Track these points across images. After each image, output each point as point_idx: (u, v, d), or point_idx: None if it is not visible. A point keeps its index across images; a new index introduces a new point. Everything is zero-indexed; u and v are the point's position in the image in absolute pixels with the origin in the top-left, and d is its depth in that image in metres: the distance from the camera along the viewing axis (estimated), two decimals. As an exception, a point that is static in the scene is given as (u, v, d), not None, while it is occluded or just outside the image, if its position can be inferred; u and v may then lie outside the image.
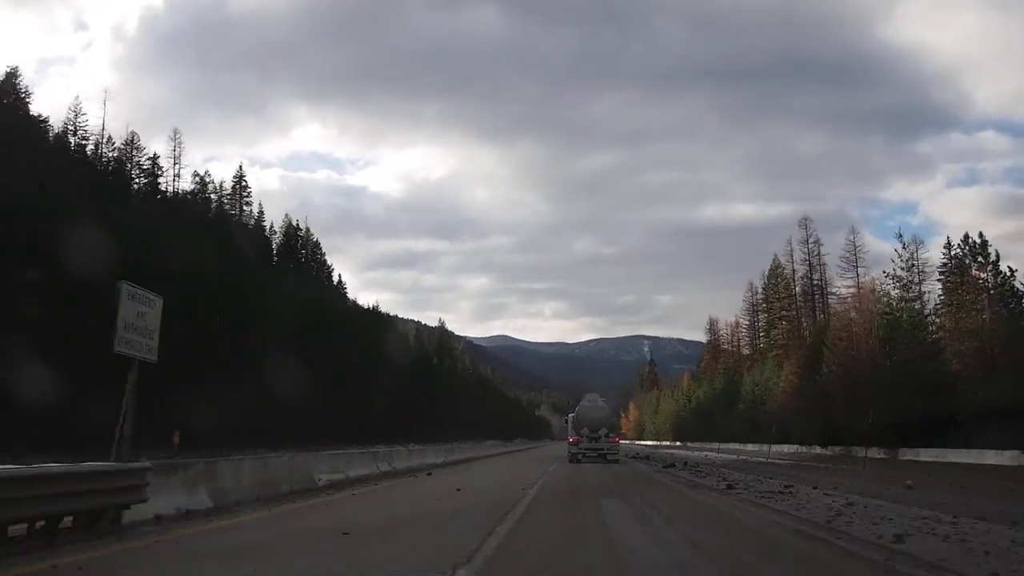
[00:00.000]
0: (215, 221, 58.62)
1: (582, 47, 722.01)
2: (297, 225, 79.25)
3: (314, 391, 42.59)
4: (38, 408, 24.43)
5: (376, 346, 66.62)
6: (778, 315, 73.16)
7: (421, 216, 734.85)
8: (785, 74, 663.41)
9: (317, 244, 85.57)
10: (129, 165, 53.43)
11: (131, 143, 52.87)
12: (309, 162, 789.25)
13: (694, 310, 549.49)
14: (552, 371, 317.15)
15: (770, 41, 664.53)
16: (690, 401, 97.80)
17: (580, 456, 32.64)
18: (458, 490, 17.18)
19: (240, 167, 70.26)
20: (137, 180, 53.90)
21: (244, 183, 67.12)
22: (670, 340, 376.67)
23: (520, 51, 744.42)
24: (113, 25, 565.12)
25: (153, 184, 54.47)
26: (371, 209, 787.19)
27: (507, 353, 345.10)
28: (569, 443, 34.63)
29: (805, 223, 72.42)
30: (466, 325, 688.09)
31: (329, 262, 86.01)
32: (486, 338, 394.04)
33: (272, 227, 73.31)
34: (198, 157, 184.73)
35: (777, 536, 10.16)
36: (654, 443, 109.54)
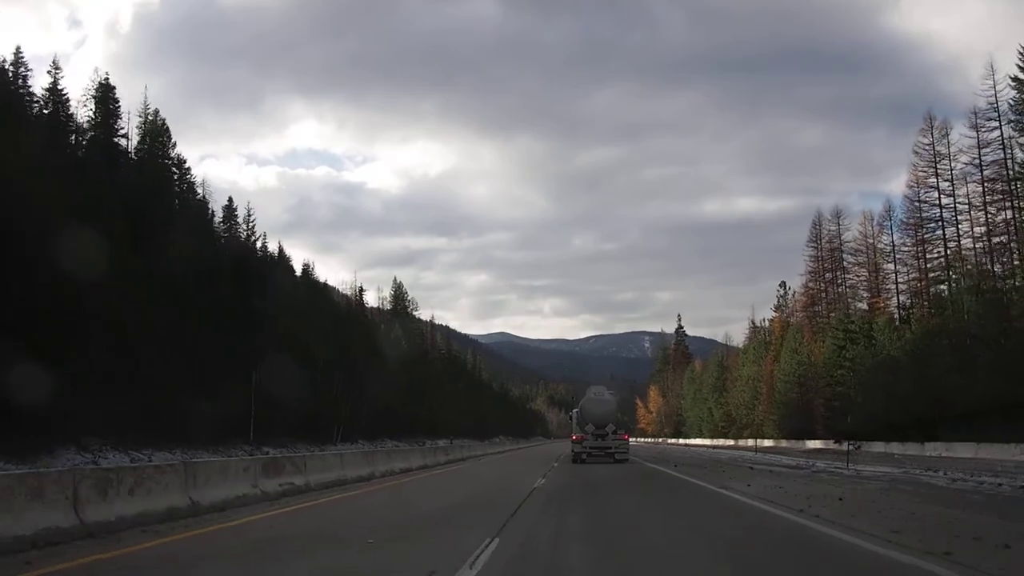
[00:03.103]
0: None
1: (581, 39, 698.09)
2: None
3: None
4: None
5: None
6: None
7: (420, 213, 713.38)
8: (786, 65, 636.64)
9: (165, 130, 48.43)
10: None
11: None
12: (307, 159, 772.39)
13: (694, 306, 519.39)
14: (552, 368, 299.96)
15: (771, 31, 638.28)
16: (851, 340, 47.51)
17: (585, 456, 30.33)
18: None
19: None
20: None
21: None
22: (671, 336, 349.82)
23: (518, 43, 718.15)
24: (107, 21, 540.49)
25: None
26: (369, 206, 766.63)
27: (507, 350, 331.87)
28: (572, 440, 32.47)
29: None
30: (466, 323, 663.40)
31: (191, 172, 50.07)
32: (486, 335, 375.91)
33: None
34: (194, 156, 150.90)
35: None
36: (714, 443, 73.30)
